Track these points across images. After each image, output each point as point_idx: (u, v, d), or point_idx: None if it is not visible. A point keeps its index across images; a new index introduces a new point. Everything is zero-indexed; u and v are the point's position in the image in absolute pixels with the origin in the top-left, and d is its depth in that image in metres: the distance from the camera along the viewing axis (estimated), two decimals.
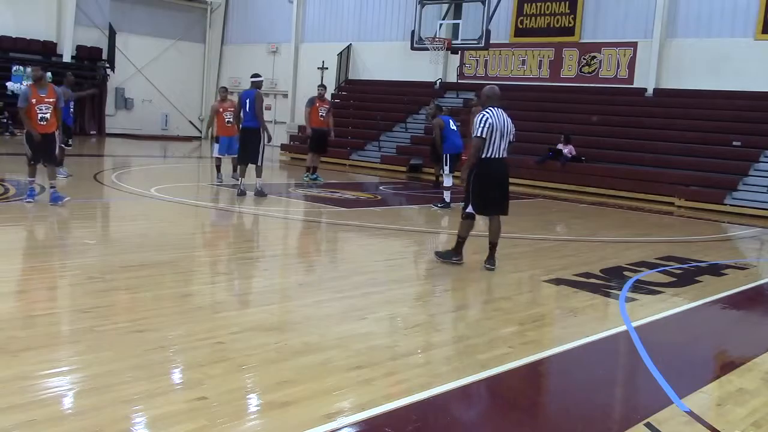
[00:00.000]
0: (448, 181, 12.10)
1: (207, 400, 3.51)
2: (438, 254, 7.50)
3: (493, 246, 7.30)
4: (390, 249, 8.47)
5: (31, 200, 9.21)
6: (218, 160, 13.57)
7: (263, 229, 9.87)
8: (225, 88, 14.39)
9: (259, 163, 11.66)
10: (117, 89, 26.77)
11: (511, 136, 7.14)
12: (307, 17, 26.62)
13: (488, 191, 7.15)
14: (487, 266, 7.25)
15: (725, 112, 17.13)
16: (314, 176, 14.98)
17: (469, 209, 7.20)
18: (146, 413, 3.35)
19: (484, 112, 7.03)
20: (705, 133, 16.73)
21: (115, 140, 24.57)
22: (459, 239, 7.34)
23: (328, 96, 16.91)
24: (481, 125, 6.92)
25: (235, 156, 13.15)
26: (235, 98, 13.35)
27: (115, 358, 3.99)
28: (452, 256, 7.34)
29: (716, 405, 4.05)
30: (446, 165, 12.05)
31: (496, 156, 7.02)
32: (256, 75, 12.01)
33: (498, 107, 7.09)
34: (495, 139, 6.95)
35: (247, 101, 11.52)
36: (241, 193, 11.55)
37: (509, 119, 7.13)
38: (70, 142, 12.63)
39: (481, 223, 7.91)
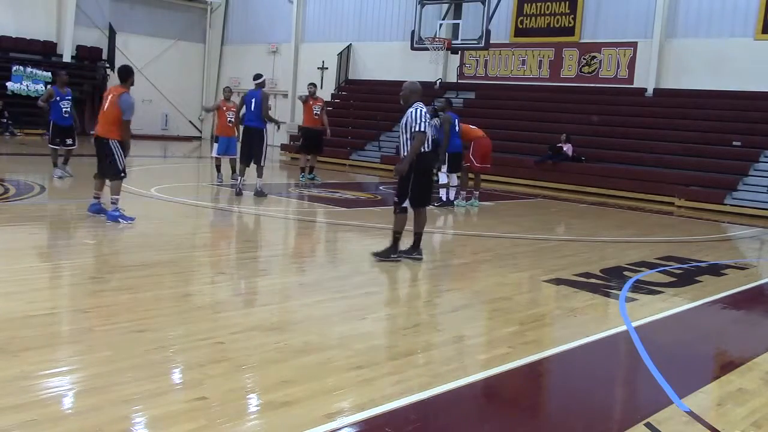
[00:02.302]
0: (443, 179, 12.06)
1: (207, 400, 3.51)
2: (376, 254, 7.31)
3: (419, 236, 7.41)
4: None
5: (132, 221, 8.42)
6: (217, 160, 13.60)
7: (263, 229, 9.86)
8: (229, 88, 14.43)
9: (261, 163, 11.68)
10: None
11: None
12: (307, 17, 26.62)
13: (426, 184, 7.38)
14: (416, 256, 7.33)
15: (725, 112, 17.12)
16: (311, 176, 14.97)
17: (405, 204, 7.20)
18: (146, 413, 3.35)
19: (420, 107, 7.14)
20: (705, 133, 16.72)
21: None
22: (396, 235, 7.29)
23: (328, 95, 16.87)
24: (422, 120, 7.05)
25: (233, 157, 13.20)
26: (237, 99, 13.40)
27: (115, 358, 3.99)
28: (391, 253, 7.26)
29: (716, 405, 4.05)
30: (444, 164, 11.98)
31: (428, 149, 7.25)
32: (258, 75, 11.97)
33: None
34: (429, 133, 7.16)
35: (252, 101, 11.54)
36: (239, 193, 11.55)
37: None
38: (68, 142, 12.58)
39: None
